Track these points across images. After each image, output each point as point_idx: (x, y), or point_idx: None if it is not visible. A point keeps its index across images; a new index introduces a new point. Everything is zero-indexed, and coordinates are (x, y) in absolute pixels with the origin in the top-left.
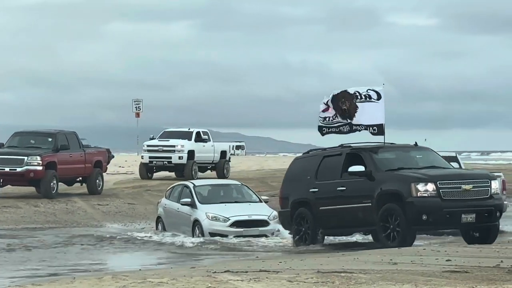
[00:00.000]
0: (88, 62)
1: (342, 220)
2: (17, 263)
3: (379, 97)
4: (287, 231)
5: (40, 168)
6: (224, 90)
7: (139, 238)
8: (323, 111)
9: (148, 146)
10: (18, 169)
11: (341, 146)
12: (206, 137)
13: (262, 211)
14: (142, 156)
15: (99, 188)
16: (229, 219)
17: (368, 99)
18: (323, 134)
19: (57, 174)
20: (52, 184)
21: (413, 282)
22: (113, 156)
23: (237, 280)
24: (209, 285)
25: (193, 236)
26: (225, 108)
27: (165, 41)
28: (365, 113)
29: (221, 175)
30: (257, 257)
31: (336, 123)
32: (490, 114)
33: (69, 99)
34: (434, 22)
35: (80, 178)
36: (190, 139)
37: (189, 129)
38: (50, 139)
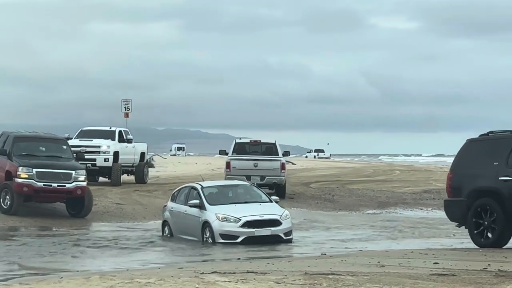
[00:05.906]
0: (69, 61)
1: None
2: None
3: None
4: (455, 223)
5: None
6: (206, 91)
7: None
8: None
9: None
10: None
11: None
12: (130, 137)
13: (273, 210)
14: None
15: None
16: (240, 220)
17: None
18: None
19: None
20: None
21: (401, 285)
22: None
23: (225, 281)
24: (197, 285)
25: (202, 239)
26: (210, 109)
27: (144, 41)
28: None
29: (140, 180)
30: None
31: None
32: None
33: (50, 98)
34: (413, 25)
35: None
36: (113, 139)
37: (110, 127)
38: (65, 147)
